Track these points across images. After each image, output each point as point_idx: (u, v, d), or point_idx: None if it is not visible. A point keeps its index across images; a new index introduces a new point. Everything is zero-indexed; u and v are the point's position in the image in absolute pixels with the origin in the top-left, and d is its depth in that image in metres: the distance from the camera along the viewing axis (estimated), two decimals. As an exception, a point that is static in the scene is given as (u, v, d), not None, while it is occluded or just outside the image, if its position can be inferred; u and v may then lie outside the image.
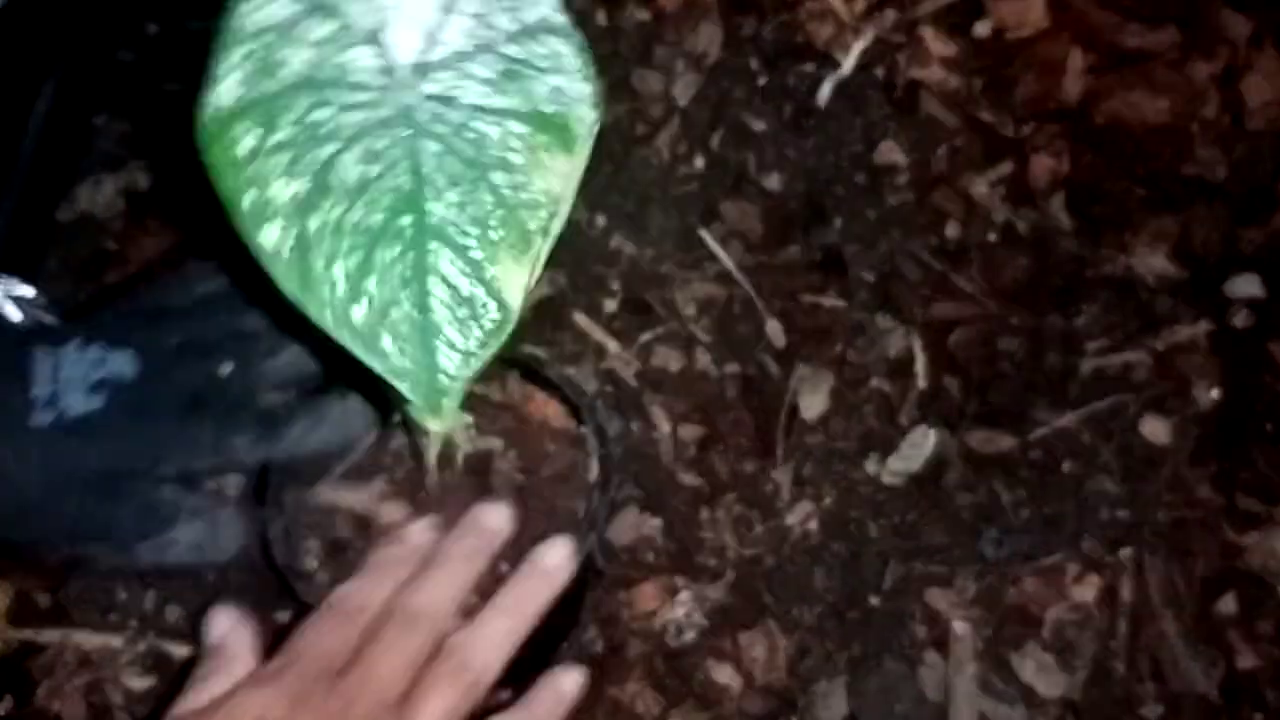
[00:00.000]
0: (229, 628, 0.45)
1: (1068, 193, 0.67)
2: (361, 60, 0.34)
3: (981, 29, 0.72)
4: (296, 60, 0.33)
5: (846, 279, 0.65)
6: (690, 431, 0.61)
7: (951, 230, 0.66)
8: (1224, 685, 0.55)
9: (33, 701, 0.57)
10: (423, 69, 0.35)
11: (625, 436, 0.60)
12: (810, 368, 0.62)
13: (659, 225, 0.66)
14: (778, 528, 0.59)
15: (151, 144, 0.70)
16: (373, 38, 0.34)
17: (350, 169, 0.33)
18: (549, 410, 0.54)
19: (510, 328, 0.35)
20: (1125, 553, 0.58)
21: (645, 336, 0.63)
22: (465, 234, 0.34)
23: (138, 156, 0.71)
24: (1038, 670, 0.55)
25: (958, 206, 0.67)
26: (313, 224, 0.32)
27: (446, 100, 0.34)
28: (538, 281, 0.67)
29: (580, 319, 0.64)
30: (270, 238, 0.32)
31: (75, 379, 0.48)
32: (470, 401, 0.50)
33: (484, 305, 0.34)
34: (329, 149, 0.33)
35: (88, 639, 0.58)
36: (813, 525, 0.59)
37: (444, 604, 0.44)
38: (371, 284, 0.33)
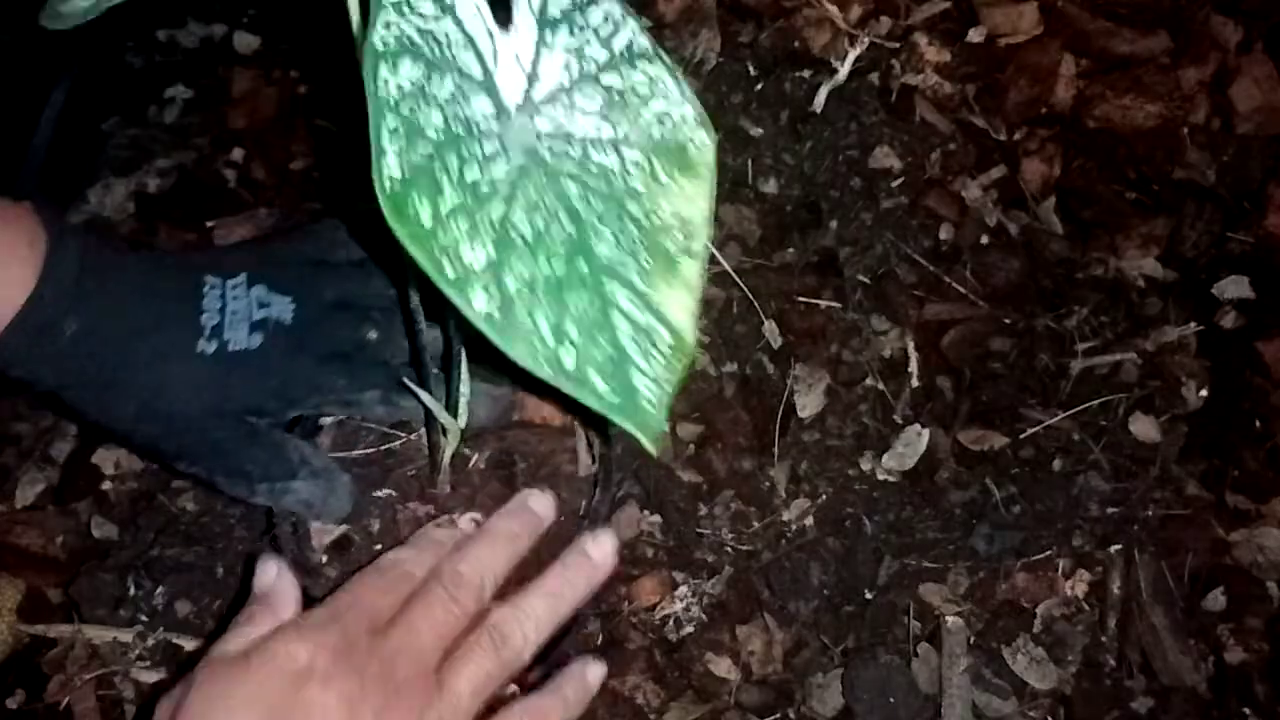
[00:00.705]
0: (275, 576, 0.46)
1: (1059, 196, 0.68)
2: (481, 109, 0.34)
3: (975, 35, 0.73)
4: (435, 120, 0.33)
5: (842, 281, 0.66)
6: (689, 430, 0.62)
7: (945, 233, 0.67)
8: (1213, 679, 0.56)
9: (44, 696, 0.57)
10: (531, 107, 0.35)
11: (625, 435, 0.61)
12: (806, 368, 0.63)
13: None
14: (774, 524, 0.59)
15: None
16: (487, 85, 0.35)
17: (522, 225, 0.34)
18: (549, 409, 0.55)
19: (688, 350, 0.35)
20: (1115, 549, 0.58)
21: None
22: (627, 267, 0.35)
23: (149, 159, 0.72)
24: (1029, 664, 0.56)
25: (951, 210, 0.68)
26: (509, 283, 0.33)
27: (561, 136, 0.35)
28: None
29: (581, 320, 0.64)
30: (479, 304, 0.32)
31: (240, 315, 0.50)
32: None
33: (657, 332, 0.35)
34: (498, 209, 0.33)
35: (98, 634, 0.58)
36: (809, 521, 0.59)
37: (487, 576, 0.45)
38: (571, 330, 0.34)
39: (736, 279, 0.65)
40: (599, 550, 0.48)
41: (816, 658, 0.56)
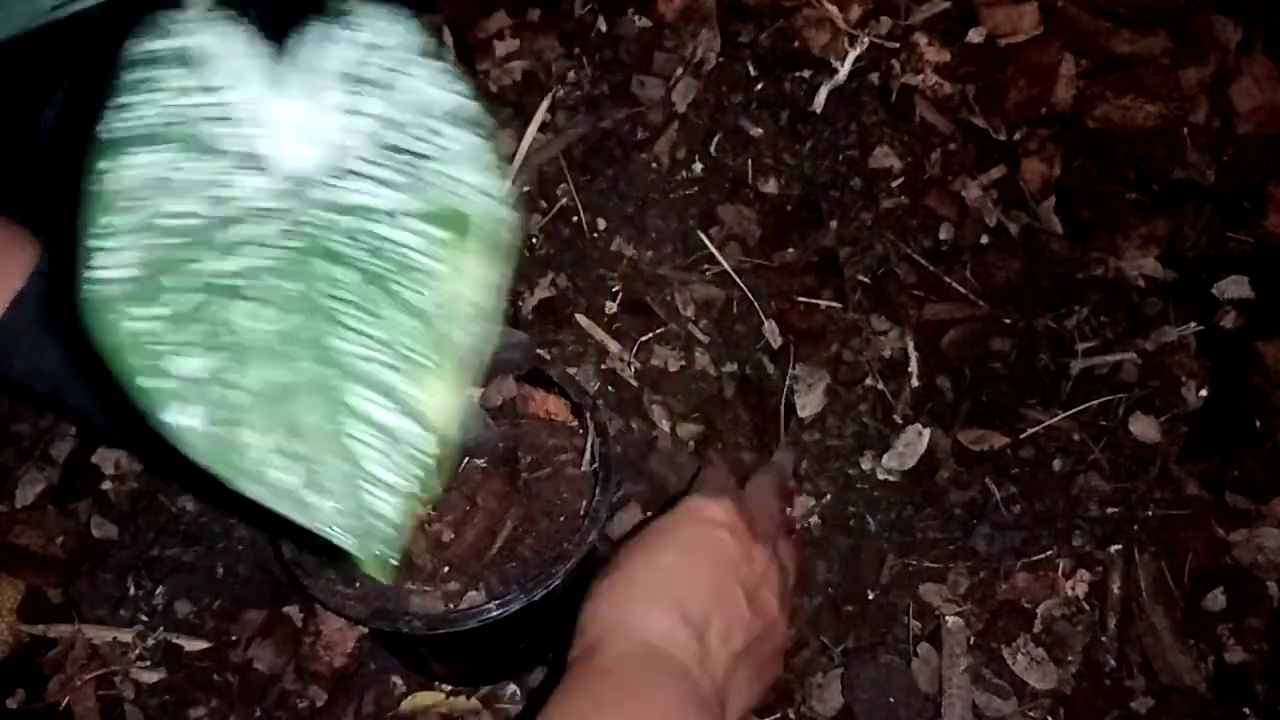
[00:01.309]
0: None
1: (1059, 196, 0.68)
2: (247, 187, 0.30)
3: (975, 35, 0.73)
4: (183, 209, 0.29)
5: (842, 281, 0.66)
6: (689, 430, 0.62)
7: (945, 233, 0.67)
8: (1213, 679, 0.56)
9: (44, 695, 0.58)
10: (307, 180, 0.31)
11: (625, 435, 0.61)
12: (807, 368, 0.63)
13: (658, 228, 0.67)
14: (775, 524, 0.59)
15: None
16: (255, 162, 0.30)
17: (244, 322, 0.29)
18: (550, 409, 0.55)
19: (452, 453, 0.31)
20: (1115, 549, 0.58)
21: (645, 337, 0.64)
22: (373, 360, 0.30)
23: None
24: (1029, 664, 0.56)
25: (951, 210, 0.68)
26: (220, 395, 0.29)
27: (344, 209, 0.31)
28: (540, 283, 0.68)
29: (581, 320, 0.65)
30: (180, 418, 0.28)
31: None
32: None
33: (408, 436, 0.30)
34: (221, 305, 0.29)
35: (98, 633, 0.58)
36: (813, 520, 0.59)
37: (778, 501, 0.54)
38: (292, 443, 0.29)
39: (736, 279, 0.65)
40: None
41: (816, 657, 0.56)
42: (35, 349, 0.48)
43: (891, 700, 0.55)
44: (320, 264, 0.30)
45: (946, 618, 0.56)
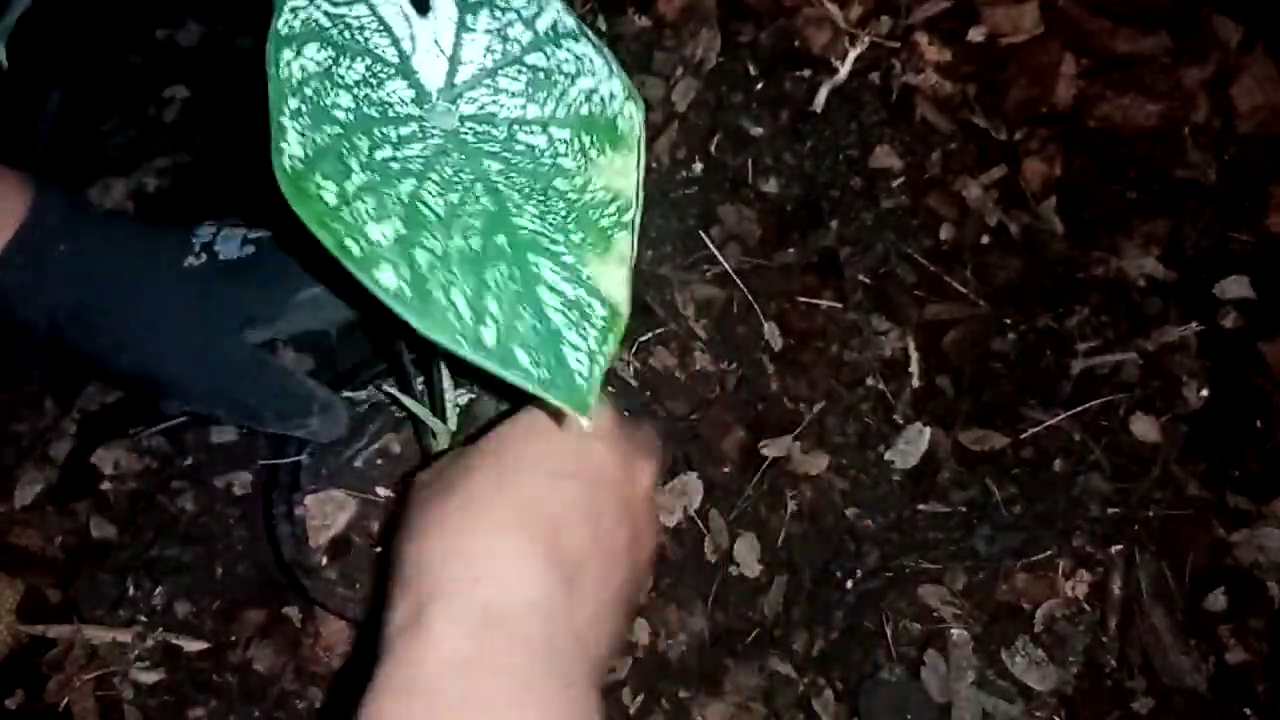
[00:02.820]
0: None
1: (1060, 196, 0.68)
2: (398, 92, 0.34)
3: (975, 35, 0.73)
4: (344, 103, 0.33)
5: (842, 281, 0.65)
6: (688, 429, 0.62)
7: (945, 233, 0.67)
8: (1214, 680, 0.56)
9: (43, 696, 0.58)
10: (453, 91, 0.35)
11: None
12: (807, 368, 0.63)
13: (659, 228, 0.67)
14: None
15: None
16: (403, 69, 0.34)
17: (434, 201, 0.33)
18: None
19: (622, 322, 0.35)
20: (1116, 549, 0.58)
21: (645, 337, 0.64)
22: (554, 241, 0.34)
23: (147, 159, 0.72)
24: (1028, 665, 0.56)
25: (951, 209, 0.68)
26: (420, 259, 0.32)
27: (485, 118, 0.35)
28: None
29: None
30: (387, 280, 0.31)
31: (233, 237, 0.51)
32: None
33: (590, 305, 0.34)
34: (407, 185, 0.33)
35: (97, 634, 0.58)
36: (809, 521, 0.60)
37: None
38: (491, 305, 0.33)
39: (737, 279, 0.65)
40: None
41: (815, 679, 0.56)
42: (34, 292, 0.48)
43: (896, 707, 0.55)
44: (488, 162, 0.34)
45: (952, 630, 0.56)
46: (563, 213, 0.35)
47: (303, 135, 0.32)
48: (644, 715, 0.56)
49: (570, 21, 0.36)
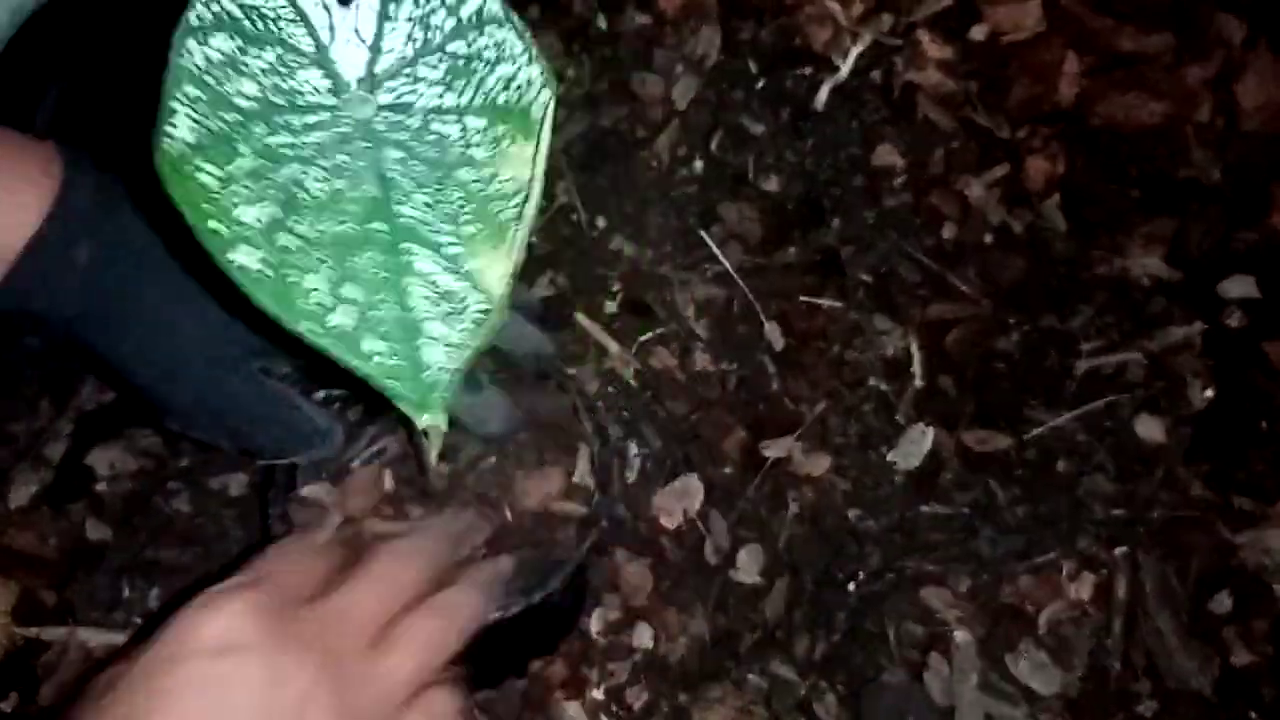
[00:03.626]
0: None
1: (1063, 195, 0.68)
2: (312, 82, 0.34)
3: (977, 33, 0.72)
4: (248, 90, 0.33)
5: (844, 280, 0.65)
6: (688, 429, 0.61)
7: (948, 232, 0.67)
8: (1219, 682, 0.55)
9: (37, 699, 0.57)
10: (372, 81, 0.35)
11: (626, 436, 0.61)
12: (808, 368, 0.63)
13: (659, 227, 0.67)
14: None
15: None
16: (319, 59, 0.34)
17: (316, 185, 0.34)
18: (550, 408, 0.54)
19: (496, 316, 0.35)
20: (1120, 551, 0.58)
21: (645, 337, 0.64)
22: (438, 232, 0.35)
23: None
24: (1032, 668, 0.55)
25: (954, 208, 0.67)
26: (284, 241, 0.33)
27: (401, 108, 0.35)
28: (539, 282, 0.68)
29: (581, 319, 0.64)
30: (241, 259, 0.32)
31: None
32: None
33: (465, 297, 0.34)
34: (292, 169, 0.33)
35: (92, 636, 0.58)
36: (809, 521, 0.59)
37: (433, 554, 0.42)
38: (350, 290, 0.33)
39: (737, 279, 0.65)
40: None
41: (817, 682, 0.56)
42: (54, 293, 0.46)
43: (898, 709, 0.54)
44: (391, 151, 0.34)
45: (955, 633, 0.56)
46: (459, 204, 0.35)
47: (194, 121, 0.32)
48: (644, 718, 0.55)
49: (495, 7, 0.35)
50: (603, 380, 0.63)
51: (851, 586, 0.58)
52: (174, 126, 0.32)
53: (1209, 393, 0.62)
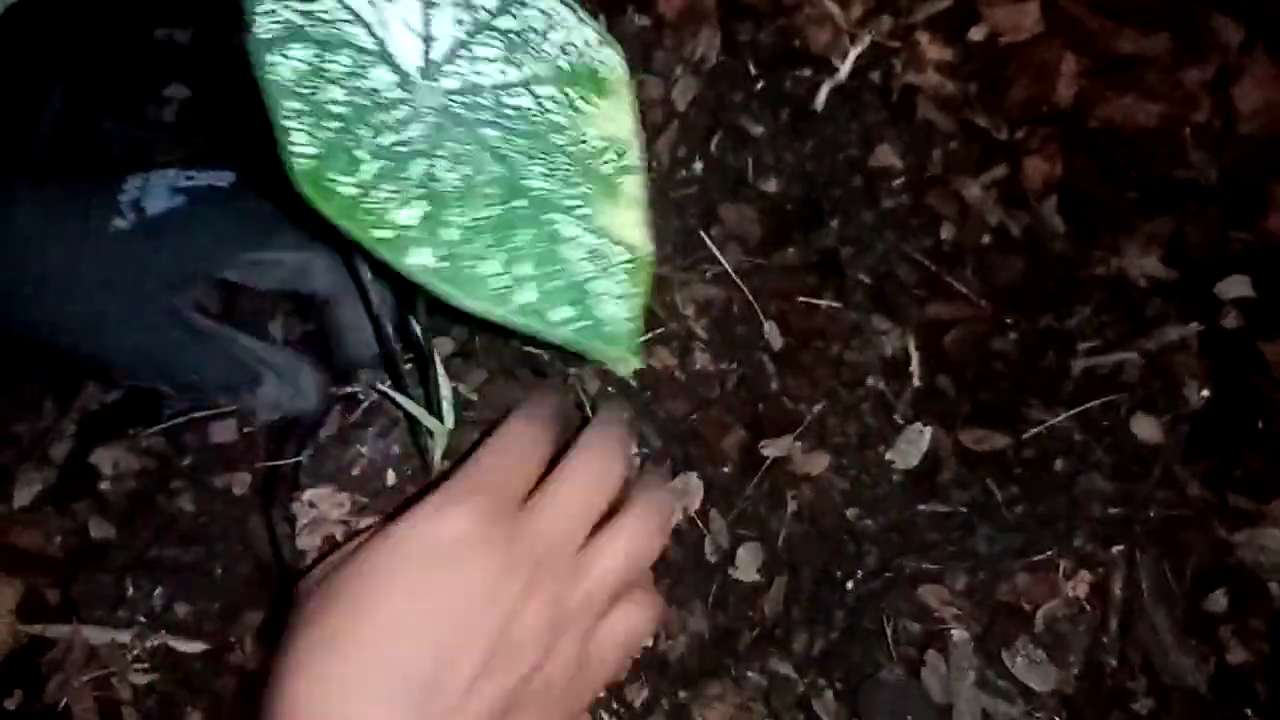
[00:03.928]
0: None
1: (1061, 196, 0.68)
2: (383, 78, 0.34)
3: (976, 34, 0.72)
4: (338, 96, 0.33)
5: (843, 280, 0.65)
6: (688, 430, 0.61)
7: (946, 232, 0.67)
8: (1215, 680, 0.56)
9: (42, 696, 0.58)
10: (433, 68, 0.35)
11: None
12: (807, 368, 0.63)
13: (658, 228, 0.66)
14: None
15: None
16: (383, 54, 0.35)
17: (449, 176, 0.34)
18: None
19: (647, 263, 0.36)
20: (1117, 550, 0.58)
21: (645, 337, 0.64)
22: (566, 197, 0.35)
23: (147, 159, 0.72)
24: (1029, 666, 0.56)
25: (952, 209, 0.67)
26: (447, 235, 0.33)
27: (470, 89, 0.35)
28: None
29: (581, 320, 0.64)
30: (419, 260, 0.32)
31: (161, 185, 0.47)
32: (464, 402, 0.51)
33: (611, 252, 0.36)
34: (420, 166, 0.34)
35: (96, 635, 0.58)
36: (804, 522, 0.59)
37: (617, 475, 0.43)
38: (523, 268, 0.34)
39: (737, 279, 0.65)
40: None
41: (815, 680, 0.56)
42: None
43: (909, 718, 0.55)
44: (486, 131, 0.35)
45: (952, 631, 0.56)
46: (566, 167, 0.36)
47: (309, 134, 0.32)
48: (644, 716, 0.56)
49: None
50: (603, 380, 0.63)
51: (850, 584, 0.58)
52: (296, 145, 0.32)
53: (1205, 392, 0.63)
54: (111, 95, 0.74)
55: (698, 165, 0.69)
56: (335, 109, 0.33)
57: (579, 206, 0.36)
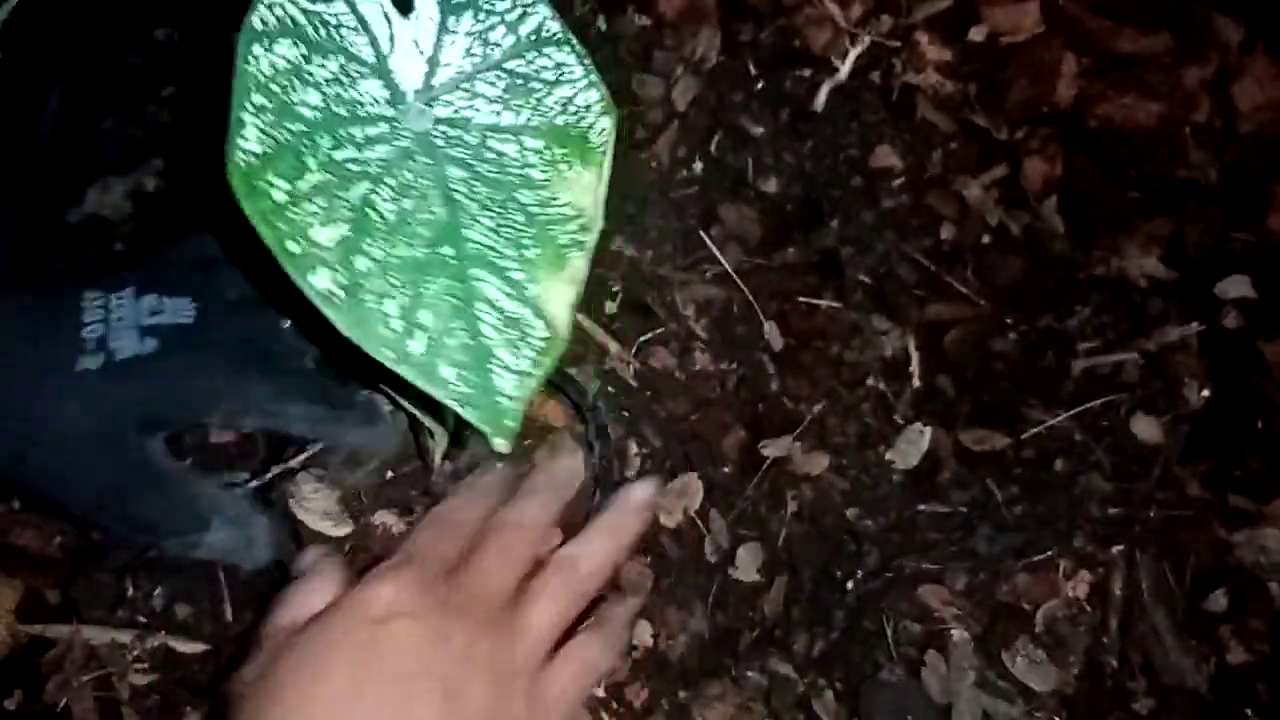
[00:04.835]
0: (319, 556, 0.46)
1: (1061, 195, 0.68)
2: (372, 92, 0.34)
3: (976, 34, 0.73)
4: (312, 100, 0.33)
5: (843, 281, 0.65)
6: (688, 430, 0.61)
7: (946, 232, 0.67)
8: (1215, 680, 0.56)
9: (42, 696, 0.57)
10: (430, 93, 0.35)
11: (626, 436, 0.61)
12: (807, 368, 0.63)
13: (659, 228, 0.67)
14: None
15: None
16: (379, 69, 0.34)
17: (385, 206, 0.33)
18: (550, 410, 0.55)
19: (560, 345, 0.35)
20: (1117, 550, 0.58)
21: (645, 337, 0.64)
22: (503, 256, 0.34)
23: (147, 159, 0.72)
24: (1028, 666, 0.56)
25: (952, 209, 0.68)
26: (359, 264, 0.32)
27: (459, 123, 0.35)
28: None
29: (581, 320, 0.64)
30: (321, 283, 0.31)
31: (127, 322, 0.46)
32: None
33: (530, 325, 0.34)
34: (361, 189, 0.33)
35: (96, 635, 0.58)
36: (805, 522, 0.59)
37: (541, 521, 0.45)
38: (424, 316, 0.33)
39: (737, 279, 0.65)
40: (642, 493, 0.50)
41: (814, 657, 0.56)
42: None
43: (909, 718, 0.55)
44: (452, 169, 0.34)
45: (952, 631, 0.56)
46: (520, 226, 0.34)
47: (263, 132, 0.32)
48: (644, 716, 0.56)
49: (556, 27, 0.36)
50: (603, 380, 0.63)
51: (850, 585, 0.58)
52: (244, 139, 0.31)
53: (1205, 392, 0.63)
54: (111, 95, 0.74)
55: (698, 165, 0.69)
56: (304, 111, 0.32)
57: (514, 270, 0.34)
